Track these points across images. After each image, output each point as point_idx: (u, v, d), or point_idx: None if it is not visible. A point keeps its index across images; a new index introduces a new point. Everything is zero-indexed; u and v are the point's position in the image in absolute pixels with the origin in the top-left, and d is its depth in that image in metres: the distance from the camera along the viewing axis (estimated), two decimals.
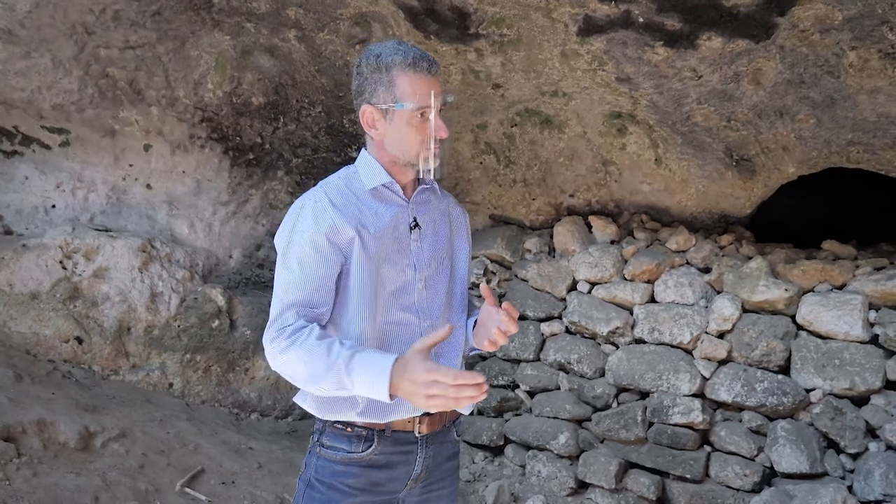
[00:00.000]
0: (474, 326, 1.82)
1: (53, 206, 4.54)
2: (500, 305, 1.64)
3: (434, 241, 1.79)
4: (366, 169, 1.74)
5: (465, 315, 1.90)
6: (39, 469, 3.01)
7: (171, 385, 4.23)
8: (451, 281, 1.82)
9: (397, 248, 1.70)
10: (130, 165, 4.50)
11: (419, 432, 1.72)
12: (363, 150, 1.80)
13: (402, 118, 1.65)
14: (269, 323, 1.60)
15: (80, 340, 4.10)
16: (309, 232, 1.62)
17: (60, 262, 4.16)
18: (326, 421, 1.69)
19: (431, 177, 1.71)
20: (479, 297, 4.48)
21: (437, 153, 1.68)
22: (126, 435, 3.47)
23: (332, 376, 1.48)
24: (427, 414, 1.72)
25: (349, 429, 1.67)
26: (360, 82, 1.69)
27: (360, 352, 1.50)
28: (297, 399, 1.75)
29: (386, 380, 1.43)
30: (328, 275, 1.62)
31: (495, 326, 1.63)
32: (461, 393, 1.39)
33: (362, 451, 1.66)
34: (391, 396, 1.44)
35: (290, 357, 1.53)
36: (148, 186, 4.55)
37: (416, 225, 1.75)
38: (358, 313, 1.64)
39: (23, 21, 3.63)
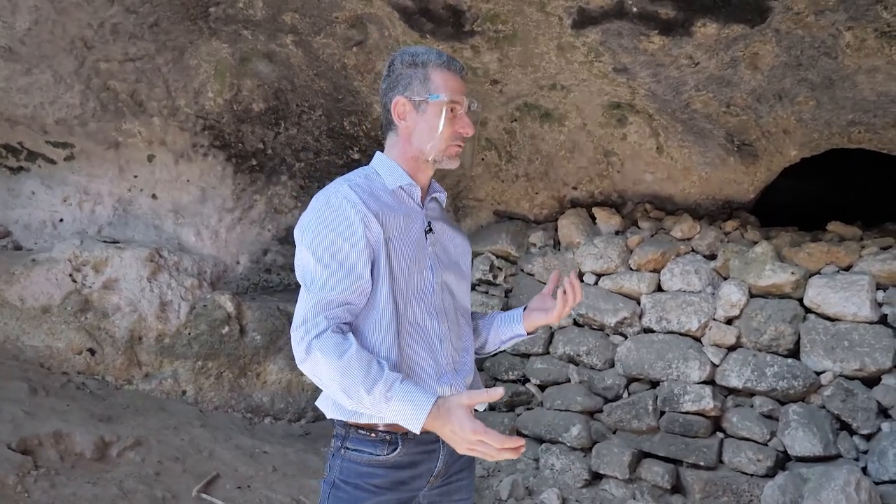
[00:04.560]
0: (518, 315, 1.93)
1: (61, 220, 4.59)
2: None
3: (446, 246, 1.84)
4: (386, 170, 1.77)
5: (472, 320, 1.96)
6: (57, 480, 3.05)
7: (184, 392, 4.26)
8: (461, 287, 1.87)
9: (416, 250, 1.73)
10: (135, 176, 4.54)
11: None
12: (378, 153, 1.82)
13: (434, 110, 1.70)
14: (300, 321, 1.56)
15: (92, 352, 4.14)
16: (342, 226, 1.61)
17: (70, 275, 4.20)
18: (350, 426, 1.70)
19: (454, 167, 1.77)
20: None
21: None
22: (141, 443, 3.51)
23: (368, 397, 1.51)
24: None
25: (373, 434, 1.67)
26: (394, 78, 1.75)
27: (401, 380, 1.53)
28: (319, 403, 1.76)
29: (423, 417, 1.50)
30: (364, 270, 1.61)
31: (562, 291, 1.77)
32: (502, 455, 1.49)
33: (387, 454, 1.68)
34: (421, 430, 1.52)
35: (328, 364, 1.52)
36: (153, 196, 4.59)
37: (431, 230, 1.79)
38: (384, 313, 1.66)
39: (23, 38, 3.67)
